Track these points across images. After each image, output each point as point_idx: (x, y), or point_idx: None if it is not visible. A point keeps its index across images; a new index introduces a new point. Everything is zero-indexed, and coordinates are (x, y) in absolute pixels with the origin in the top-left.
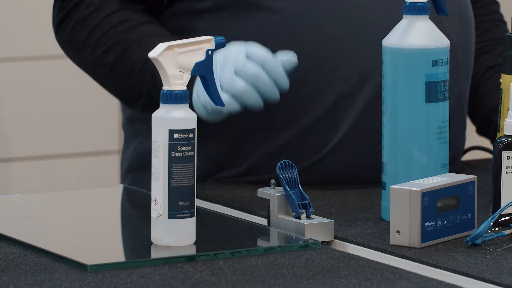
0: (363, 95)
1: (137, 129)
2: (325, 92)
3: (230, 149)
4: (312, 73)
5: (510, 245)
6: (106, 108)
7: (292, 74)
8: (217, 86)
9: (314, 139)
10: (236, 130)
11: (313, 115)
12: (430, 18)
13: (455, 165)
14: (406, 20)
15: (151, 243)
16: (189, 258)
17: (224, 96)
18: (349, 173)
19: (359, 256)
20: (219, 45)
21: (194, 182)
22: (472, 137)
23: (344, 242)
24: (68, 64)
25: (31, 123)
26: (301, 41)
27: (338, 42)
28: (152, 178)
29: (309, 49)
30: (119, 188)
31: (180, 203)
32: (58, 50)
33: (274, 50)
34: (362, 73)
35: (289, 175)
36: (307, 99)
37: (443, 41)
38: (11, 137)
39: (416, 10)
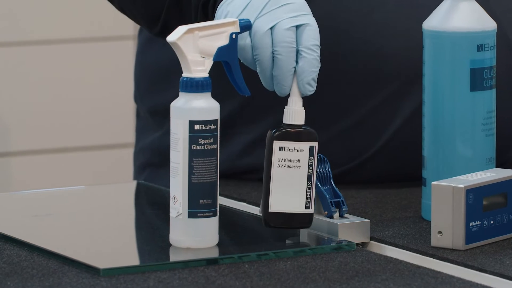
0: (412, 95)
1: (160, 120)
2: (371, 92)
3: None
4: (356, 71)
5: None
6: (121, 98)
7: (334, 71)
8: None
9: (355, 142)
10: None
11: (356, 117)
12: None
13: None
14: (449, 1)
15: (170, 244)
16: (211, 261)
17: None
18: (390, 178)
19: (397, 259)
20: (244, 28)
21: (216, 178)
22: None
23: (381, 244)
24: (79, 49)
25: (39, 114)
26: (346, 37)
27: (386, 38)
28: (171, 173)
29: (354, 46)
30: (134, 184)
31: (201, 201)
32: (67, 34)
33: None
34: (410, 72)
35: (321, 170)
36: (350, 99)
37: (489, 24)
38: (17, 129)
39: None
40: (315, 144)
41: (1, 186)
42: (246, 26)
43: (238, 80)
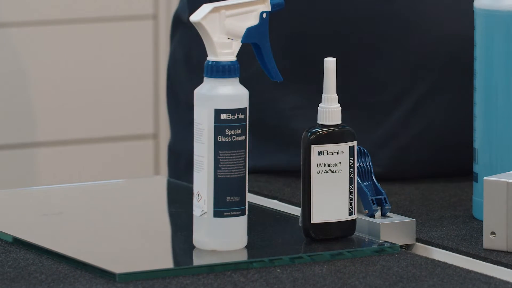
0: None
1: None
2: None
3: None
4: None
5: None
6: (140, 87)
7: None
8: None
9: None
10: None
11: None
12: None
13: None
14: None
15: (193, 247)
16: (240, 266)
17: None
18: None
19: (445, 263)
20: (276, 6)
21: (245, 173)
22: None
23: (427, 246)
24: (91, 30)
25: (48, 103)
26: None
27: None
28: (194, 168)
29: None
30: (155, 179)
31: (228, 198)
32: (78, 13)
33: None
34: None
35: (361, 164)
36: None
37: None
38: (24, 120)
39: None
40: (355, 143)
41: (6, 182)
42: (278, 4)
43: (269, 64)
